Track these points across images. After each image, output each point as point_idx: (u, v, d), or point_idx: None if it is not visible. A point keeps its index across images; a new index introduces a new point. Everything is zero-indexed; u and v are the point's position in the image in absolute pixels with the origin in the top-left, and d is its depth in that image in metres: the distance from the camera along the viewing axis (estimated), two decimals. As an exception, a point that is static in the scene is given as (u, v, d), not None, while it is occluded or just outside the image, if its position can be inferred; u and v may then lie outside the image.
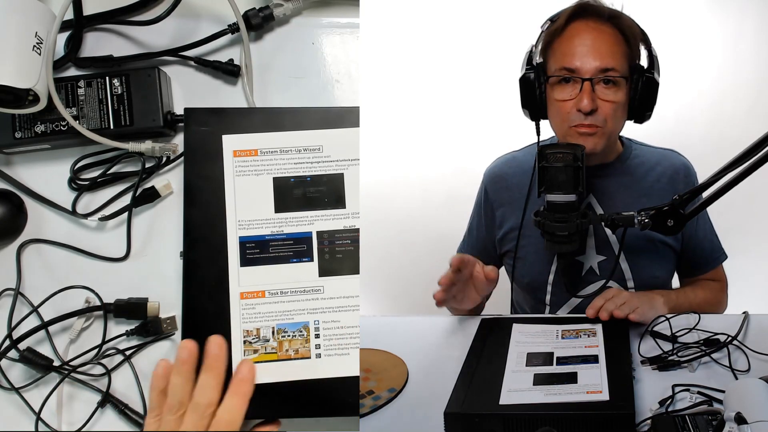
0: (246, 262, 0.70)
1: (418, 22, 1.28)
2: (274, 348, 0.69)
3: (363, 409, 0.66)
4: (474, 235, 0.95)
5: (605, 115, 0.77)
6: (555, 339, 0.74)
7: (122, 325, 0.78)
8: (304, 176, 0.72)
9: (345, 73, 0.83)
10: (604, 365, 0.66)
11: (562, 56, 0.78)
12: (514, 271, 0.89)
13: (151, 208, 0.80)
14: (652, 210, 0.72)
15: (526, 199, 0.85)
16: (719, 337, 0.72)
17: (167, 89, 0.80)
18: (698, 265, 0.91)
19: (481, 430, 0.59)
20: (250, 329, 0.69)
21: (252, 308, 0.70)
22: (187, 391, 0.65)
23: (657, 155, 0.88)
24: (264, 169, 0.72)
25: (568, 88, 0.78)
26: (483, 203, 0.93)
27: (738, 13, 1.23)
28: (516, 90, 0.82)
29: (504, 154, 0.94)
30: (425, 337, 0.82)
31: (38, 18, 0.73)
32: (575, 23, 0.78)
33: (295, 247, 0.71)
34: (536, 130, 0.82)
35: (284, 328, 0.70)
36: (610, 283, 0.85)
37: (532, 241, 0.86)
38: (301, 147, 0.72)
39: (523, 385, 0.64)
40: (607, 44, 0.77)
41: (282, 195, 0.72)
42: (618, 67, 0.77)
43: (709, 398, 0.62)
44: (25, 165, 0.81)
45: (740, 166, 0.67)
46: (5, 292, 0.78)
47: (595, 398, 0.60)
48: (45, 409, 0.74)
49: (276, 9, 0.81)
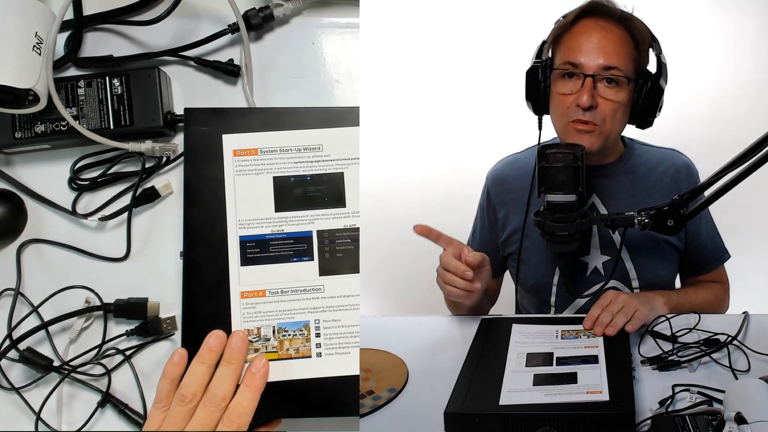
0: (246, 261, 0.70)
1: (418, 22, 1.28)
2: (275, 347, 0.69)
3: (363, 409, 0.66)
4: (477, 237, 0.95)
5: (604, 113, 0.77)
6: (555, 339, 0.74)
7: (122, 325, 0.78)
8: (304, 175, 0.72)
9: (345, 73, 0.83)
10: (604, 365, 0.66)
11: (567, 51, 0.78)
12: (519, 273, 0.89)
13: (151, 208, 0.80)
14: (652, 210, 0.72)
15: (528, 201, 0.85)
16: (719, 337, 0.72)
17: (167, 89, 0.80)
18: (701, 265, 0.91)
19: (481, 430, 0.59)
20: (251, 328, 0.69)
21: (253, 307, 0.70)
22: (204, 382, 0.64)
23: (659, 155, 0.88)
24: (264, 169, 0.72)
25: (570, 83, 0.78)
26: (485, 206, 0.93)
27: (738, 13, 1.23)
28: (515, 90, 0.82)
29: (506, 156, 0.94)
30: (425, 337, 0.82)
31: (38, 18, 0.73)
32: (585, 20, 0.78)
33: (296, 246, 0.71)
34: (539, 124, 0.83)
35: (285, 327, 0.70)
36: (615, 283, 0.85)
37: (536, 243, 0.86)
38: (301, 146, 0.72)
39: (523, 386, 0.64)
40: (613, 44, 0.77)
41: (282, 194, 0.72)
42: (622, 67, 0.77)
43: (709, 398, 0.62)
44: (25, 165, 0.81)
45: (740, 166, 0.67)
46: (5, 292, 0.78)
47: (595, 398, 0.60)
48: (45, 409, 0.74)
49: (276, 9, 0.81)
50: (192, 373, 0.64)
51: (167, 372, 0.66)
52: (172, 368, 0.66)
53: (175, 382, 0.65)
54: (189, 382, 0.64)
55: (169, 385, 0.65)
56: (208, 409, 0.63)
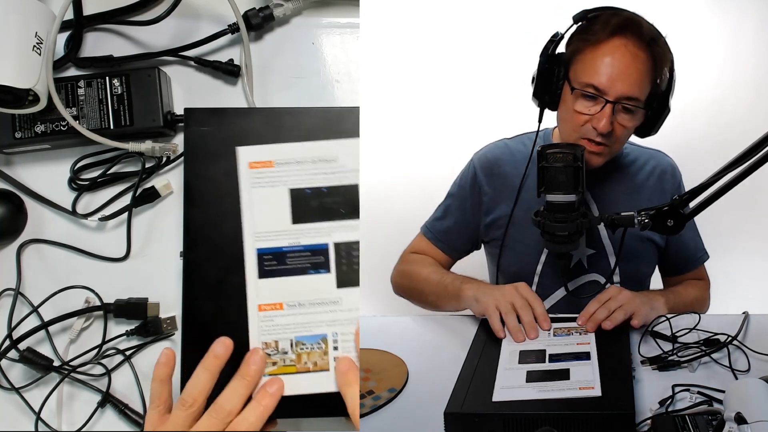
0: (264, 274, 0.70)
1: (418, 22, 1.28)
2: (293, 360, 0.69)
3: (363, 409, 0.66)
4: (453, 216, 0.94)
5: (617, 136, 0.79)
6: (547, 337, 0.74)
7: (122, 325, 0.78)
8: (320, 187, 0.71)
9: (345, 73, 0.83)
10: (596, 362, 0.67)
11: (592, 72, 0.77)
12: (501, 259, 0.90)
13: (151, 208, 0.80)
14: (652, 210, 0.72)
15: (519, 189, 0.85)
16: (719, 337, 0.72)
17: (167, 89, 0.80)
18: (683, 264, 0.93)
19: (481, 430, 0.59)
20: (269, 341, 0.69)
21: (270, 320, 0.69)
22: (206, 389, 0.64)
23: (646, 154, 0.91)
24: (280, 181, 0.71)
25: (589, 104, 0.78)
26: (470, 186, 0.92)
27: (738, 13, 1.23)
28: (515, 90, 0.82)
29: (496, 140, 0.95)
30: (425, 337, 0.82)
31: (38, 18, 0.73)
32: (615, 39, 0.77)
33: (313, 258, 0.70)
34: (539, 117, 0.83)
35: (303, 340, 0.69)
36: (596, 276, 0.87)
37: (522, 231, 0.87)
38: (317, 158, 0.71)
39: (516, 382, 0.64)
40: (638, 72, 0.77)
41: (299, 206, 0.71)
42: (642, 98, 0.78)
43: (709, 398, 0.62)
44: (25, 165, 0.81)
45: (740, 166, 0.67)
46: (5, 292, 0.78)
47: (588, 394, 0.61)
48: (45, 409, 0.74)
49: (276, 9, 0.81)
50: (195, 379, 0.64)
51: (156, 374, 0.66)
52: (161, 369, 0.66)
53: (164, 382, 0.65)
54: (191, 387, 0.64)
55: (160, 387, 0.65)
56: (213, 420, 0.62)
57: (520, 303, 0.76)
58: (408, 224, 1.02)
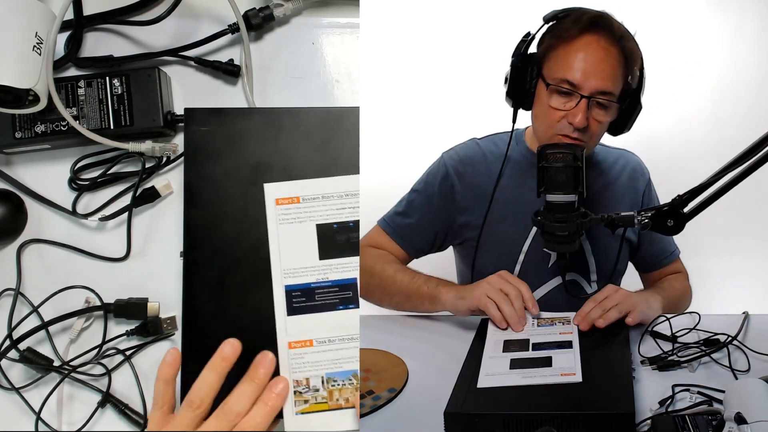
0: (293, 311, 0.70)
1: (418, 22, 1.28)
2: (325, 398, 0.68)
3: (363, 409, 0.66)
4: (417, 213, 0.92)
5: (592, 132, 0.80)
6: (531, 327, 0.76)
7: (122, 325, 0.78)
8: (346, 222, 0.71)
9: (345, 73, 0.83)
10: (577, 350, 0.69)
11: (566, 67, 0.78)
12: (476, 260, 0.89)
13: (151, 208, 0.80)
14: (652, 210, 0.72)
15: (493, 189, 0.85)
16: (719, 337, 0.72)
17: (167, 89, 0.80)
18: (659, 258, 0.95)
19: (481, 429, 0.59)
20: (300, 379, 0.69)
21: (301, 357, 0.69)
22: (213, 390, 0.64)
23: (615, 154, 0.93)
24: (307, 216, 0.71)
25: (563, 100, 0.79)
26: (439, 184, 0.91)
27: (738, 13, 1.23)
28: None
29: (467, 140, 0.94)
30: (425, 337, 0.82)
31: (38, 18, 0.73)
32: (587, 36, 0.78)
33: (341, 293, 0.70)
34: (513, 117, 0.84)
35: (334, 377, 0.69)
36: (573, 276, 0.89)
37: (496, 230, 0.87)
38: (342, 192, 0.71)
39: (500, 369, 0.66)
40: (611, 67, 0.78)
41: (326, 241, 0.71)
42: (615, 92, 0.79)
43: (709, 398, 0.62)
44: (25, 165, 0.81)
45: (740, 166, 0.67)
46: (5, 292, 0.78)
47: (569, 380, 0.63)
48: (45, 409, 0.74)
49: (276, 9, 0.81)
50: (202, 380, 0.64)
51: (161, 373, 0.66)
52: (166, 369, 0.66)
53: (169, 383, 0.65)
54: (198, 389, 0.64)
55: (164, 387, 0.65)
56: (222, 421, 0.63)
57: (512, 291, 0.76)
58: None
